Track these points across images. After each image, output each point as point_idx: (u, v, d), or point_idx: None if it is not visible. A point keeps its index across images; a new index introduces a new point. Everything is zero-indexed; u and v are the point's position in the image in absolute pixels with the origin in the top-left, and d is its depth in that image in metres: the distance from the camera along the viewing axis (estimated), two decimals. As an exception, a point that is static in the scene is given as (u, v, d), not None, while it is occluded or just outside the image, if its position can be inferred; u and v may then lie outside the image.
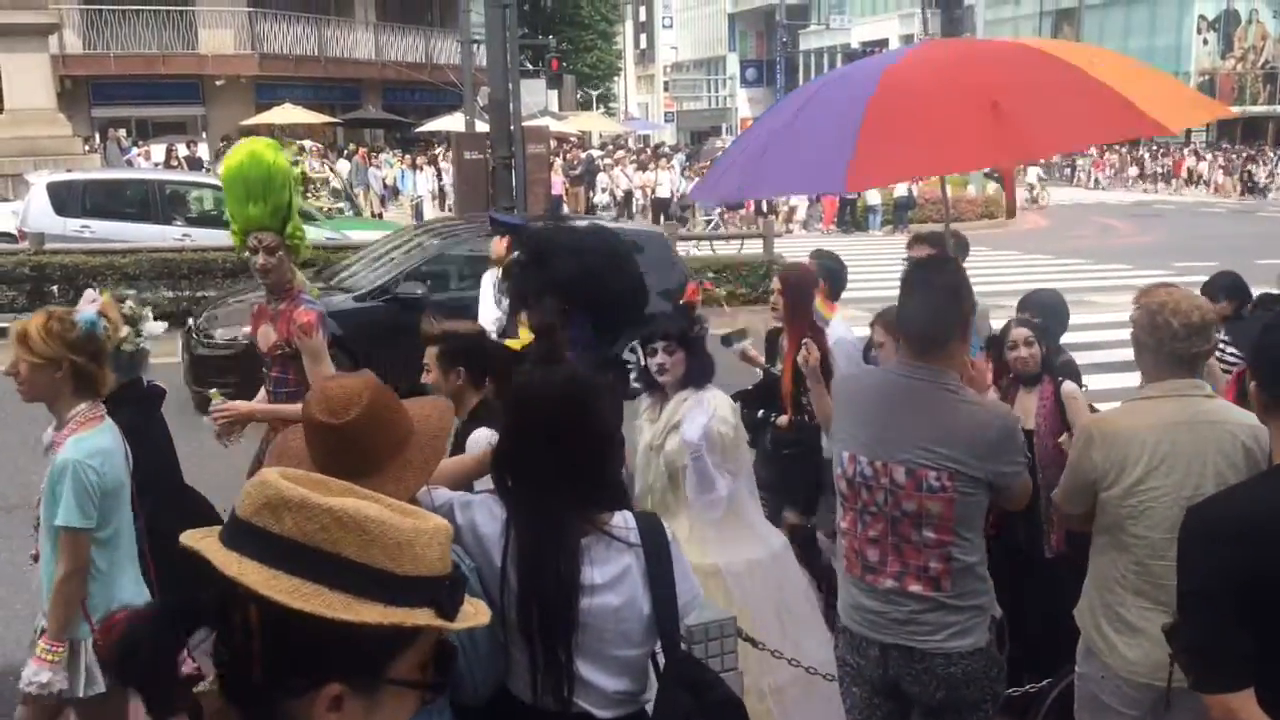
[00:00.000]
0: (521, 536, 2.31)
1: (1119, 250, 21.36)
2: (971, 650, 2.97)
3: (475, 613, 1.32)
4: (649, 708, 2.39)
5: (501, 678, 2.36)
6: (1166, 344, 2.96)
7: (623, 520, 2.35)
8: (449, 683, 1.34)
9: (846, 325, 5.40)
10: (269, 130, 30.53)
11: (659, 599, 2.32)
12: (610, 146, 36.36)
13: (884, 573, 3.01)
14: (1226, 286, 5.36)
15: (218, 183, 17.13)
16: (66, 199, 14.39)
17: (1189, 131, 44.96)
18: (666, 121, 64.27)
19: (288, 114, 29.90)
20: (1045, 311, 4.86)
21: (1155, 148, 42.29)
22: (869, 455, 3.01)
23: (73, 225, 14.09)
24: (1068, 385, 4.40)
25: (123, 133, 27.75)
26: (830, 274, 5.56)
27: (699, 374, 4.08)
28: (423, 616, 1.23)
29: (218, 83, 31.64)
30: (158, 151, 25.69)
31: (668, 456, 4.03)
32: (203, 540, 1.25)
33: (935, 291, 3.02)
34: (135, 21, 30.09)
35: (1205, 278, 5.52)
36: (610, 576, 2.29)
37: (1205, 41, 45.02)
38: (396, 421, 2.29)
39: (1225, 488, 2.59)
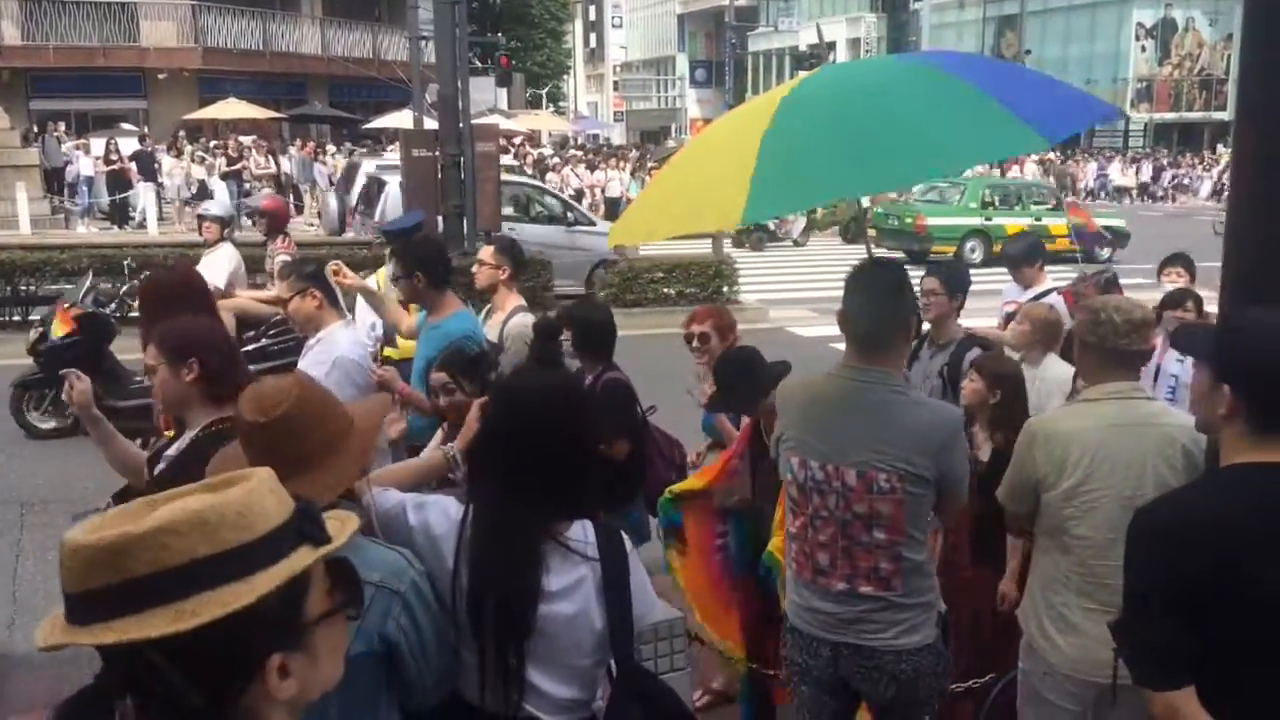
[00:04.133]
0: (478, 537, 2.30)
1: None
2: (920, 646, 3.00)
3: (341, 523, 1.36)
4: (599, 716, 2.39)
5: (452, 681, 2.35)
6: (1109, 340, 3.03)
7: (582, 532, 2.33)
8: (360, 594, 1.38)
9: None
10: (213, 124, 30.30)
11: (613, 612, 2.30)
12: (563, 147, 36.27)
13: (835, 575, 3.03)
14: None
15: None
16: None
17: (1126, 134, 45.84)
18: (616, 121, 64.23)
19: (232, 109, 29.50)
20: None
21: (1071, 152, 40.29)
22: (820, 459, 3.02)
23: None
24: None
25: (62, 126, 27.18)
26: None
27: None
28: (304, 555, 1.26)
29: (160, 76, 31.13)
30: (97, 145, 25.20)
31: None
32: (53, 633, 1.20)
33: (878, 294, 3.03)
34: (75, 13, 29.52)
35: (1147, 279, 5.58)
36: (563, 585, 2.28)
37: (1144, 49, 45.87)
38: (329, 417, 2.26)
39: (1172, 489, 2.63)
